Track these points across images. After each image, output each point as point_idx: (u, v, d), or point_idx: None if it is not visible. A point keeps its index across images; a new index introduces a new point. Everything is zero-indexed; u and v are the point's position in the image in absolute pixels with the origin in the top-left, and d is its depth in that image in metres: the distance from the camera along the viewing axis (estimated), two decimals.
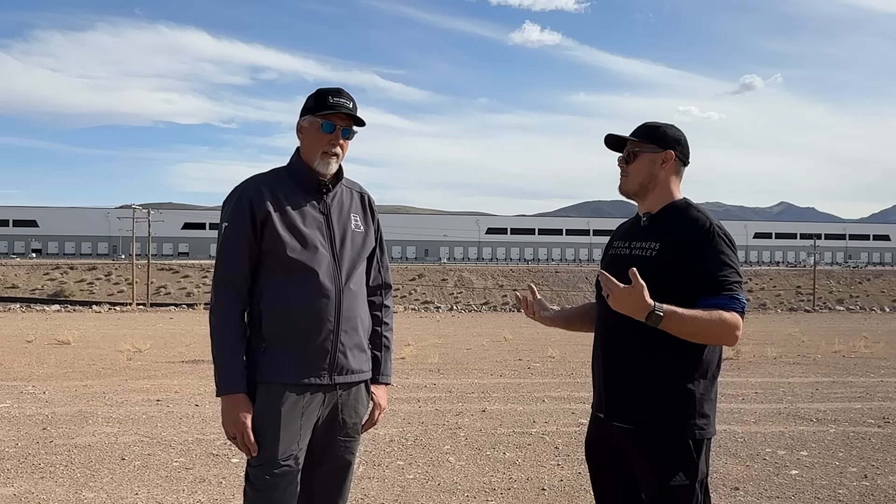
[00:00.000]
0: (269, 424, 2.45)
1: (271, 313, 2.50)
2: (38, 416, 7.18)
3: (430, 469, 5.35)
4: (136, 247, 63.93)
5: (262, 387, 2.48)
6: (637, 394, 2.38)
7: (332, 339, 2.53)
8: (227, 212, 2.56)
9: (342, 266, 2.57)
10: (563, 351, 14.19)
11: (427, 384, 9.76)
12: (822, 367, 12.33)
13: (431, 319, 31.62)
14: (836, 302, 68.14)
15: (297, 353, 2.49)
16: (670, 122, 2.53)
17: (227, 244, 2.53)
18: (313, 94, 2.60)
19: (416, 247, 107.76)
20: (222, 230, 2.55)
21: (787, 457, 5.78)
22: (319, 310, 2.50)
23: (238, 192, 2.57)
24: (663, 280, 2.33)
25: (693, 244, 2.34)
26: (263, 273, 2.53)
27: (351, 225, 2.64)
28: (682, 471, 2.32)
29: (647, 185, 2.48)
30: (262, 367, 2.48)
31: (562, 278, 77.48)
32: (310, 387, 2.50)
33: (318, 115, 2.55)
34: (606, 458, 2.53)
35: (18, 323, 24.70)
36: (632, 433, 2.39)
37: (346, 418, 2.60)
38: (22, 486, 4.83)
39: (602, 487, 2.58)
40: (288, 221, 2.51)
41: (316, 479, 2.60)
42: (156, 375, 10.44)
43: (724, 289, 2.29)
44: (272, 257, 2.51)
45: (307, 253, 2.51)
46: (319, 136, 2.55)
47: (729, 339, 2.30)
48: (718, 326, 2.27)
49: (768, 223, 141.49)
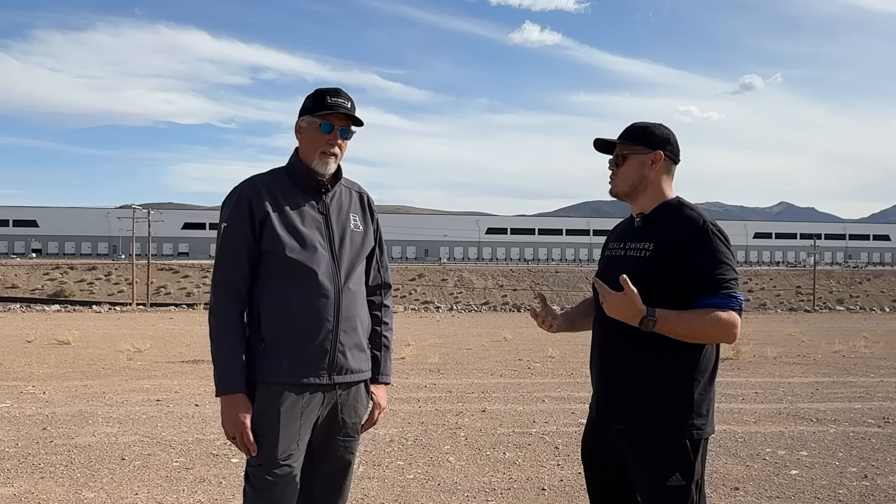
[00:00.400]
0: (269, 424, 2.45)
1: (270, 313, 2.50)
2: (38, 416, 7.18)
3: (430, 469, 5.35)
4: (136, 247, 63.92)
5: (262, 387, 2.48)
6: (634, 394, 2.38)
7: (332, 339, 2.53)
8: (225, 212, 2.56)
9: (341, 266, 2.57)
10: (563, 351, 14.19)
11: (427, 384, 9.75)
12: (822, 367, 12.33)
13: (431, 319, 31.61)
14: (836, 302, 68.12)
15: (296, 353, 2.49)
16: (659, 122, 2.52)
17: (226, 244, 2.53)
18: (311, 94, 2.61)
19: (416, 247, 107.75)
20: (221, 230, 2.56)
21: (787, 457, 5.78)
22: (318, 310, 2.50)
23: (237, 192, 2.57)
24: (659, 280, 2.33)
25: (687, 242, 2.33)
26: (262, 273, 2.53)
27: (350, 225, 2.64)
28: (679, 471, 2.32)
29: (637, 186, 2.48)
30: (261, 367, 2.48)
31: (562, 278, 77.47)
32: (309, 386, 2.50)
33: (316, 115, 2.55)
34: (602, 459, 2.53)
35: (18, 323, 24.69)
36: (628, 434, 2.39)
37: (346, 418, 2.60)
38: (22, 486, 4.83)
39: (597, 488, 2.57)
40: (287, 221, 2.51)
41: (316, 478, 2.60)
42: (156, 375, 10.44)
43: (720, 287, 2.29)
44: (271, 257, 2.51)
45: (306, 253, 2.51)
46: (318, 136, 2.56)
47: (727, 337, 2.30)
48: (715, 326, 2.27)
49: (768, 223, 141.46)
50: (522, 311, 45.48)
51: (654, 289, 2.33)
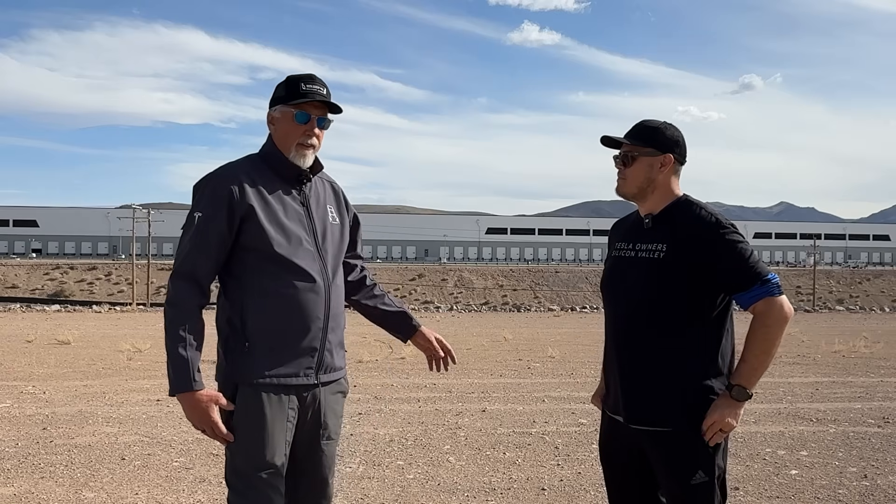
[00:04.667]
0: (255, 428, 2.32)
1: (256, 311, 2.35)
2: (38, 416, 7.18)
3: (430, 469, 5.34)
4: (136, 247, 63.89)
5: (246, 389, 2.34)
6: (656, 395, 2.37)
7: (321, 338, 2.42)
8: (200, 202, 2.36)
9: (327, 261, 2.46)
10: (563, 351, 14.18)
11: (427, 384, 9.75)
12: (822, 367, 12.32)
13: (431, 319, 31.58)
14: (836, 302, 68.12)
15: (284, 353, 2.36)
16: (667, 121, 2.49)
17: (198, 236, 2.34)
18: (283, 81, 2.44)
19: (416, 247, 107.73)
20: (195, 220, 2.35)
21: (787, 457, 5.77)
22: (309, 307, 2.38)
23: (213, 181, 2.38)
24: (676, 280, 2.33)
25: (703, 241, 2.33)
26: (244, 269, 2.38)
27: (329, 218, 2.53)
28: (702, 469, 2.33)
29: (645, 188, 2.46)
30: (244, 369, 2.34)
31: (562, 278, 77.45)
32: (296, 387, 2.39)
33: (290, 104, 2.40)
34: (623, 460, 2.52)
35: (18, 323, 24.67)
36: (652, 434, 2.37)
37: (328, 420, 2.50)
38: (22, 486, 4.83)
39: (618, 489, 2.57)
40: (271, 215, 2.36)
41: (300, 481, 2.48)
42: (156, 375, 10.43)
43: (752, 279, 2.31)
44: (254, 253, 2.35)
45: (292, 248, 2.37)
46: (294, 127, 2.41)
47: (782, 323, 2.33)
48: (769, 331, 2.32)
49: (768, 223, 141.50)
50: (522, 311, 45.47)
51: (671, 289, 2.34)
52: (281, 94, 2.43)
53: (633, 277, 2.42)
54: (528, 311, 45.53)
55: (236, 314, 2.37)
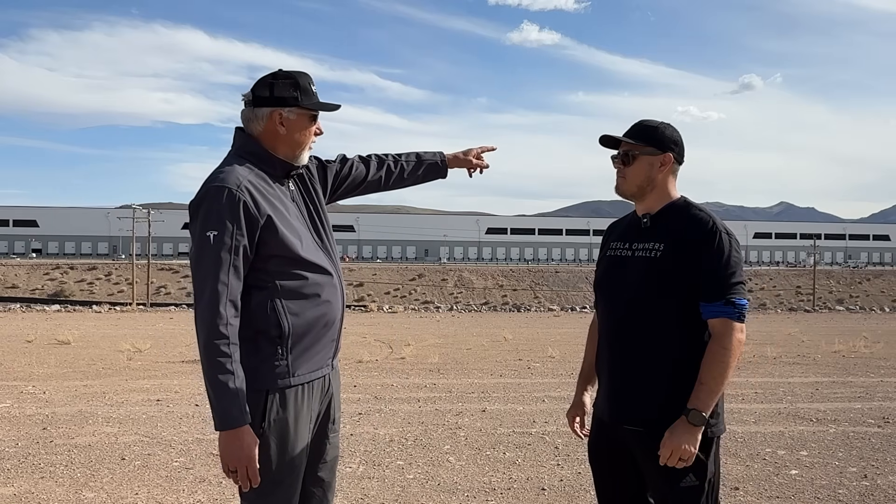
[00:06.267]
0: (284, 432, 2.32)
1: (287, 315, 2.30)
2: (38, 416, 7.18)
3: (430, 469, 5.35)
4: (136, 247, 63.91)
5: (277, 395, 2.30)
6: (646, 395, 2.37)
7: (340, 326, 2.47)
8: (210, 218, 2.20)
9: (332, 252, 2.48)
10: (563, 351, 14.19)
11: (427, 384, 9.75)
12: (822, 367, 12.32)
13: (431, 319, 31.59)
14: (836, 302, 68.12)
15: (313, 349, 2.37)
16: (666, 121, 2.50)
17: (222, 256, 2.19)
18: (289, 81, 2.36)
19: (416, 247, 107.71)
20: (210, 240, 2.19)
21: (787, 457, 5.78)
22: (332, 300, 2.40)
23: (220, 195, 2.22)
24: (673, 279, 2.33)
25: (697, 244, 2.33)
26: (269, 276, 2.30)
27: (320, 207, 2.53)
28: (693, 472, 2.31)
29: (645, 187, 2.46)
30: (281, 373, 2.30)
31: (562, 278, 77.48)
32: (320, 380, 2.42)
33: (306, 106, 2.37)
34: (612, 462, 2.51)
35: (18, 323, 24.66)
36: (641, 435, 2.37)
37: (333, 410, 2.52)
38: (22, 486, 4.83)
39: (608, 491, 2.56)
40: (283, 219, 2.32)
41: (310, 474, 2.47)
42: (156, 375, 10.44)
43: (722, 293, 2.29)
44: (275, 259, 2.30)
45: (304, 247, 2.36)
46: (309, 129, 2.40)
47: (734, 350, 2.29)
48: (722, 356, 2.27)
49: (768, 223, 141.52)
50: (522, 311, 45.46)
51: (667, 289, 2.33)
52: (291, 93, 2.35)
53: (630, 276, 2.42)
54: (528, 311, 45.53)
55: (266, 322, 2.29)
